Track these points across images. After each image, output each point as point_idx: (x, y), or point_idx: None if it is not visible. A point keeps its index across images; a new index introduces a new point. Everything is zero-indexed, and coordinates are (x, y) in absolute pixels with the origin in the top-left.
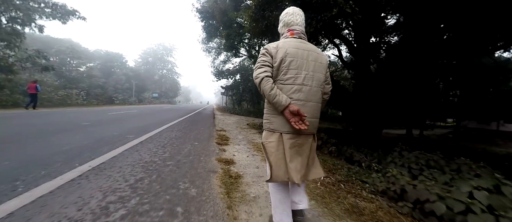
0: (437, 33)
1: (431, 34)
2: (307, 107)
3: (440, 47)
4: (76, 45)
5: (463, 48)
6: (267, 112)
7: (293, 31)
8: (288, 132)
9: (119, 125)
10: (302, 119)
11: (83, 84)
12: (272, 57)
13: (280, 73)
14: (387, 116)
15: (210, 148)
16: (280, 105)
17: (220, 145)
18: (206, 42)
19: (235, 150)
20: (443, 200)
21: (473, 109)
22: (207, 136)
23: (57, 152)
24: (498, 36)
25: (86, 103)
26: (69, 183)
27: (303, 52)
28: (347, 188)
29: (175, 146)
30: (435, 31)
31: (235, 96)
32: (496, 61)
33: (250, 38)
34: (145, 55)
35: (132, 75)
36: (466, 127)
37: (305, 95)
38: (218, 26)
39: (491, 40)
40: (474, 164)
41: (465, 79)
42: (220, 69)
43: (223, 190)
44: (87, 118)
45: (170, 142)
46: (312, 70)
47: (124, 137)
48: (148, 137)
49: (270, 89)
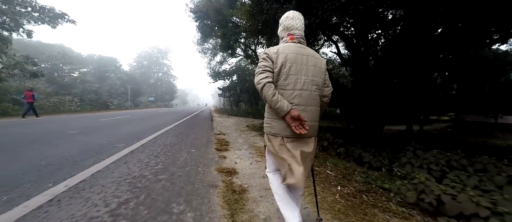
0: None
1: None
2: (307, 112)
3: (438, 40)
4: (68, 50)
5: (460, 41)
6: (268, 116)
7: (293, 35)
8: (289, 136)
9: (110, 132)
10: (302, 123)
11: (76, 90)
12: (273, 62)
13: (280, 78)
14: (388, 112)
15: (209, 156)
16: (282, 111)
17: (220, 151)
18: (201, 43)
19: (237, 156)
20: (499, 217)
21: (472, 103)
22: (205, 141)
23: (31, 168)
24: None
25: (79, 109)
26: (34, 212)
27: (302, 57)
28: (371, 200)
29: (169, 155)
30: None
31: (232, 98)
32: (495, 53)
33: (247, 36)
34: (140, 59)
35: (127, 79)
36: (464, 120)
37: (305, 100)
38: (213, 25)
39: (488, 32)
40: (498, 162)
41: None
42: (216, 70)
43: (226, 211)
44: (77, 125)
45: (164, 150)
46: (311, 75)
47: (113, 146)
48: (140, 146)
49: (272, 95)
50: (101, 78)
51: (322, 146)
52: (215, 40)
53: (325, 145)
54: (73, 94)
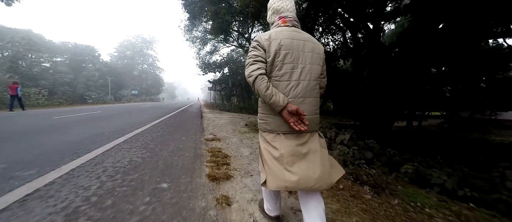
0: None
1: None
2: (305, 104)
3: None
4: (36, 36)
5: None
6: (262, 111)
7: (285, 18)
8: (286, 132)
9: (41, 140)
10: (301, 118)
11: (45, 81)
12: (265, 50)
13: (274, 68)
14: (397, 107)
15: (196, 202)
16: (278, 106)
17: (217, 183)
18: (189, 28)
19: (252, 198)
20: None
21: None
22: (190, 158)
23: None
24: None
25: (47, 103)
26: None
27: (298, 43)
28: None
29: (108, 211)
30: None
31: (223, 91)
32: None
33: (244, 16)
34: (122, 49)
35: (107, 71)
36: (459, 116)
37: (303, 91)
38: (203, 5)
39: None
40: None
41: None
42: (206, 61)
43: None
44: (5, 128)
45: (104, 186)
46: (309, 62)
47: (9, 177)
48: (58, 178)
49: (266, 89)
50: (76, 68)
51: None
52: (205, 28)
53: (369, 157)
54: (41, 86)
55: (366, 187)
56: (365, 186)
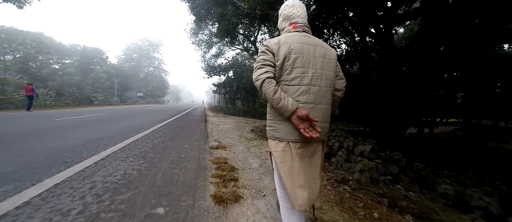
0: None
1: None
2: (316, 111)
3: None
4: (47, 39)
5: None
6: (271, 117)
7: (295, 24)
8: (296, 141)
9: (32, 145)
10: (312, 124)
11: (53, 82)
12: (274, 54)
13: (284, 72)
14: (410, 114)
15: None
16: (286, 111)
17: (223, 206)
18: (195, 31)
19: None
20: None
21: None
22: (192, 172)
23: None
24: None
25: (54, 104)
26: None
27: (309, 47)
28: None
29: None
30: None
31: (228, 95)
32: None
33: (251, 18)
34: (129, 51)
35: (114, 73)
36: (472, 123)
37: (314, 96)
38: (210, 7)
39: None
40: None
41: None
42: (211, 64)
43: None
44: (7, 130)
45: (87, 211)
46: (320, 67)
47: None
48: (36, 196)
49: (274, 93)
50: (84, 70)
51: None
52: (210, 31)
53: (396, 172)
54: (49, 87)
55: (408, 216)
56: (407, 215)
